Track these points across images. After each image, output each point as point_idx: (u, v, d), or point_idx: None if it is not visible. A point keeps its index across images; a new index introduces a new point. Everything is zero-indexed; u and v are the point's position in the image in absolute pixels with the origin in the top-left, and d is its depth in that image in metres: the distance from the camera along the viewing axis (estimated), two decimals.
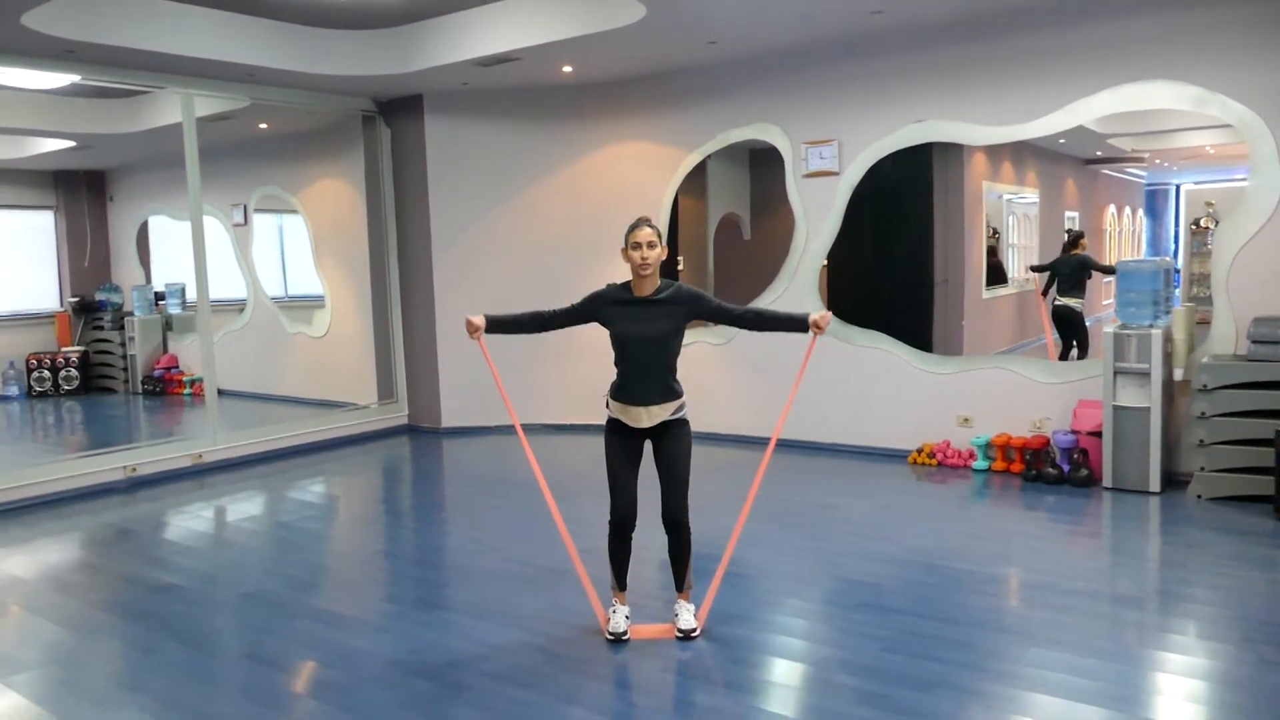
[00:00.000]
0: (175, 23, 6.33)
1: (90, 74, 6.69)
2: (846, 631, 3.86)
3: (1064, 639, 3.70)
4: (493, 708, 3.27)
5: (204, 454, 7.26)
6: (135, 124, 8.92)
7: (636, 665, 3.61)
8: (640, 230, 3.68)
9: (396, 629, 4.04)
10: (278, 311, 10.29)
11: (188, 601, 4.51)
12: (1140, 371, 5.69)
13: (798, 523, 5.40)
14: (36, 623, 4.28)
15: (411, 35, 7.10)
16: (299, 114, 8.38)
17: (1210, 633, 3.81)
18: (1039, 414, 6.34)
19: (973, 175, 8.85)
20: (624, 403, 3.76)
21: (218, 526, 5.99)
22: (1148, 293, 5.85)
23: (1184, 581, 4.38)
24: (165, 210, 11.32)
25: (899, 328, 7.34)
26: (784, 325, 3.87)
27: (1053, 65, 6.07)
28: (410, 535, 5.63)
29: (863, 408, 7.03)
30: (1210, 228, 9.35)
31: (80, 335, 11.73)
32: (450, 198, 8.30)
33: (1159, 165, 10.86)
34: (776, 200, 8.38)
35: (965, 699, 3.24)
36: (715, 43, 6.66)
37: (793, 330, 3.85)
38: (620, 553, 3.86)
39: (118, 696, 3.49)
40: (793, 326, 3.84)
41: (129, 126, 8.96)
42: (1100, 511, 5.51)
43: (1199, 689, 3.32)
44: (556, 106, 8.14)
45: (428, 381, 8.55)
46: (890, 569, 4.59)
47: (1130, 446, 5.72)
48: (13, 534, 5.71)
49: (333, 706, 3.32)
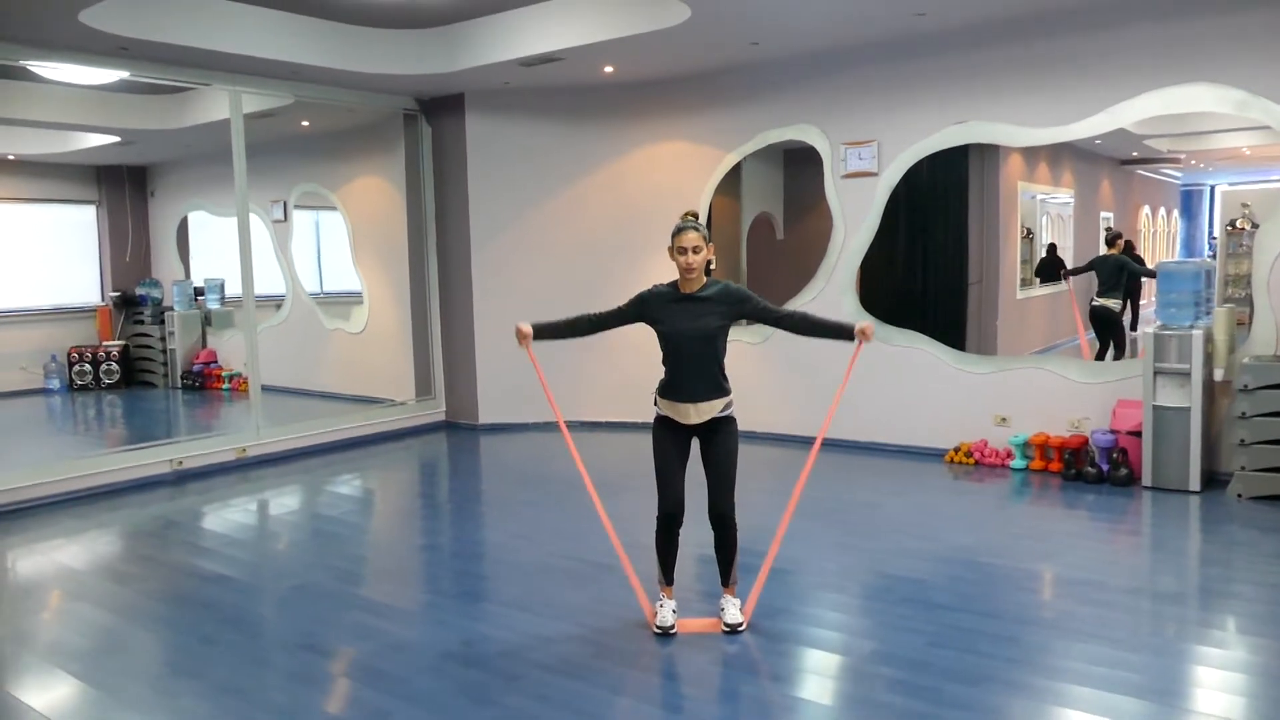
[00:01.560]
0: (225, 20, 6.45)
1: (141, 71, 6.83)
2: (891, 626, 3.91)
3: (1107, 634, 3.73)
4: (546, 697, 3.34)
5: (248, 448, 7.39)
6: (179, 120, 9.09)
7: (684, 658, 3.67)
8: (685, 234, 3.72)
9: (445, 621, 4.12)
10: (316, 307, 10.43)
11: (240, 592, 4.62)
12: (1181, 372, 5.69)
13: (839, 520, 5.45)
14: (92, 611, 4.39)
15: (455, 35, 7.19)
16: (340, 112, 8.50)
17: (1252, 628, 3.83)
18: (1077, 414, 6.35)
19: (1008, 176, 8.85)
20: (673, 400, 3.82)
21: (264, 519, 6.11)
22: (1189, 294, 5.85)
23: (1225, 579, 4.40)
24: (205, 206, 11.51)
25: (933, 327, 7.37)
26: (830, 332, 3.89)
27: (1095, 67, 6.07)
28: (453, 530, 5.72)
29: (900, 407, 7.06)
30: (1246, 229, 9.31)
31: (121, 329, 11.93)
32: (490, 196, 8.39)
33: (1194, 166, 10.83)
34: (810, 200, 8.42)
35: (1012, 692, 3.28)
36: (758, 44, 6.71)
37: (838, 338, 3.88)
38: (668, 548, 3.91)
39: (176, 683, 3.59)
40: (839, 334, 3.86)
41: (173, 122, 9.13)
42: (1141, 510, 5.52)
43: (1240, 682, 3.35)
44: (596, 106, 8.21)
45: (465, 378, 8.65)
46: (932, 565, 4.62)
47: (1170, 446, 5.72)
48: (65, 525, 5.85)
49: (389, 695, 3.41)
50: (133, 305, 11.96)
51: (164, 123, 9.16)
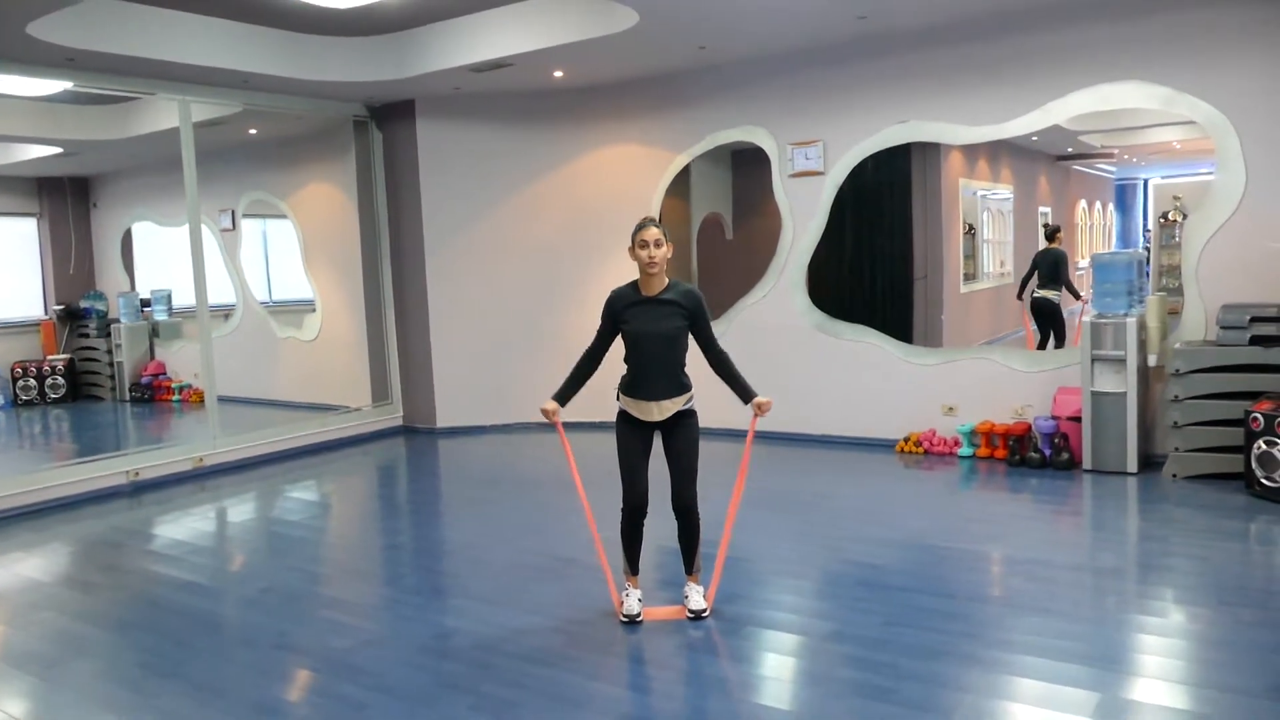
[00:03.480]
0: (174, 30, 6.44)
1: (88, 81, 6.77)
2: (849, 608, 4.06)
3: (1052, 608, 3.93)
4: (521, 685, 3.44)
5: (204, 457, 7.36)
6: (123, 130, 8.98)
7: (651, 643, 3.79)
8: (646, 230, 3.87)
9: (417, 617, 4.19)
10: (266, 316, 10.38)
11: (208, 596, 4.65)
12: (1116, 358, 5.95)
13: (795, 510, 5.62)
14: (59, 619, 4.38)
15: (406, 41, 7.24)
16: (289, 119, 8.49)
17: (1188, 598, 4.06)
18: (1020, 401, 6.59)
19: (950, 173, 9.12)
20: (636, 398, 3.94)
21: (226, 526, 6.11)
22: (1122, 283, 6.10)
23: (1162, 553, 4.64)
24: (150, 216, 11.37)
25: (882, 321, 7.58)
26: (737, 389, 4.02)
27: (1029, 67, 6.32)
28: (417, 530, 5.78)
29: (850, 399, 7.25)
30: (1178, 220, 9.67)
31: (66, 343, 11.73)
32: (442, 201, 8.44)
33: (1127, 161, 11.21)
34: (758, 200, 8.59)
35: (966, 664, 3.45)
36: (705, 48, 6.86)
37: (740, 396, 4.00)
38: (633, 539, 4.03)
39: (154, 684, 3.62)
40: (742, 395, 4.00)
41: (117, 133, 9.02)
42: (1082, 492, 5.76)
43: (1180, 647, 3.57)
44: (547, 110, 8.31)
45: (422, 382, 8.69)
46: (887, 550, 4.80)
47: (1108, 430, 5.98)
48: (22, 538, 5.80)
49: (368, 689, 3.48)
50: (77, 318, 11.76)
51: (108, 133, 9.05)
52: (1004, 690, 3.26)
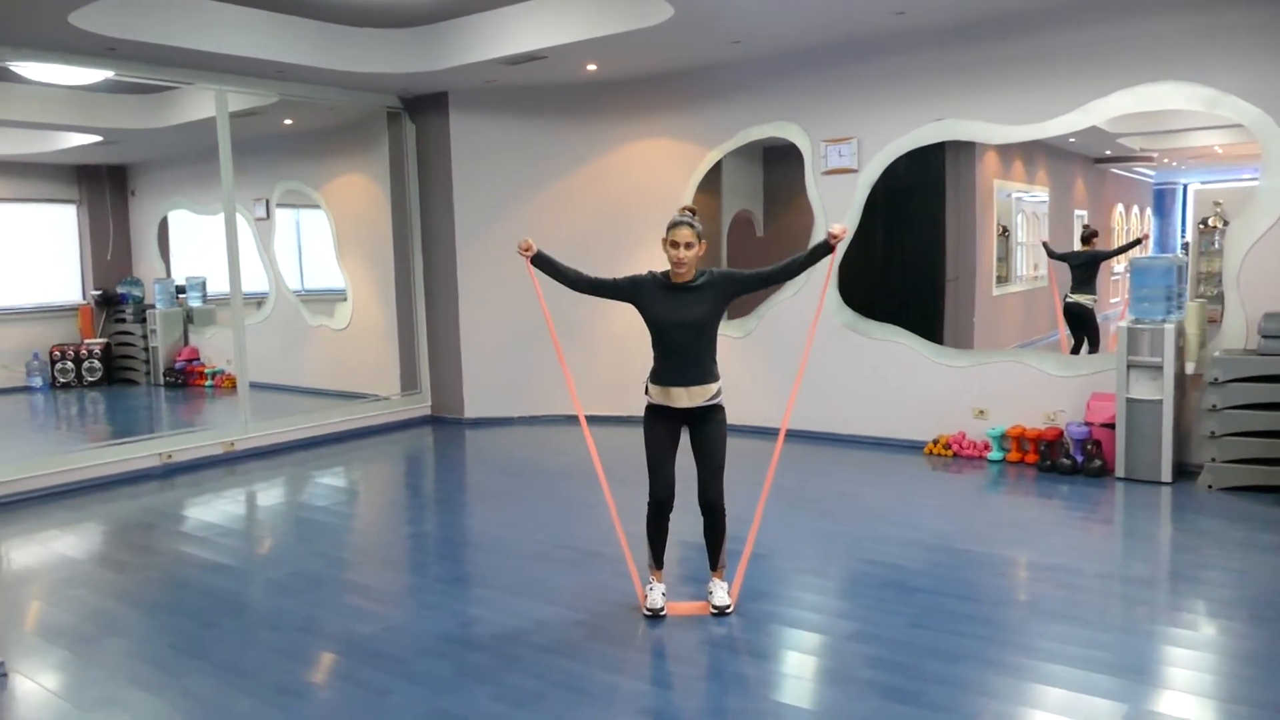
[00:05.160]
0: (212, 20, 6.51)
1: (128, 70, 6.87)
2: (872, 608, 4.04)
3: (1080, 616, 3.88)
4: (544, 676, 3.44)
5: (235, 442, 7.44)
6: (161, 119, 9.10)
7: (674, 638, 3.79)
8: (679, 230, 3.82)
9: (441, 605, 4.21)
10: (299, 304, 10.47)
11: (236, 579, 4.70)
12: (1153, 365, 5.86)
13: (820, 509, 5.59)
14: (93, 597, 4.45)
15: (440, 34, 7.27)
16: (323, 110, 8.56)
17: (1221, 611, 3.98)
18: (1053, 406, 6.51)
19: (984, 173, 9.02)
20: (663, 384, 3.92)
21: (255, 510, 6.18)
22: (1161, 289, 6.01)
23: (1195, 565, 4.56)
24: (186, 204, 11.51)
25: (912, 322, 7.51)
26: (813, 257, 3.92)
27: (1070, 65, 6.23)
28: (444, 519, 5.81)
29: (879, 399, 7.20)
30: (1218, 227, 9.52)
31: (102, 328, 11.92)
32: (473, 193, 8.47)
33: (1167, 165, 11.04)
34: (790, 197, 8.55)
35: (990, 669, 3.42)
36: (739, 42, 6.83)
37: (823, 255, 3.91)
38: (658, 533, 4.03)
39: (182, 664, 3.67)
40: (819, 254, 3.91)
41: (155, 122, 9.15)
42: (1114, 500, 5.68)
43: (1211, 661, 3.50)
44: (579, 104, 8.31)
45: (451, 373, 8.73)
46: (912, 552, 4.76)
47: (1143, 438, 5.89)
48: (58, 517, 5.90)
49: (391, 675, 3.50)
50: (114, 303, 11.95)
51: (146, 122, 9.18)
52: (1028, 697, 3.22)
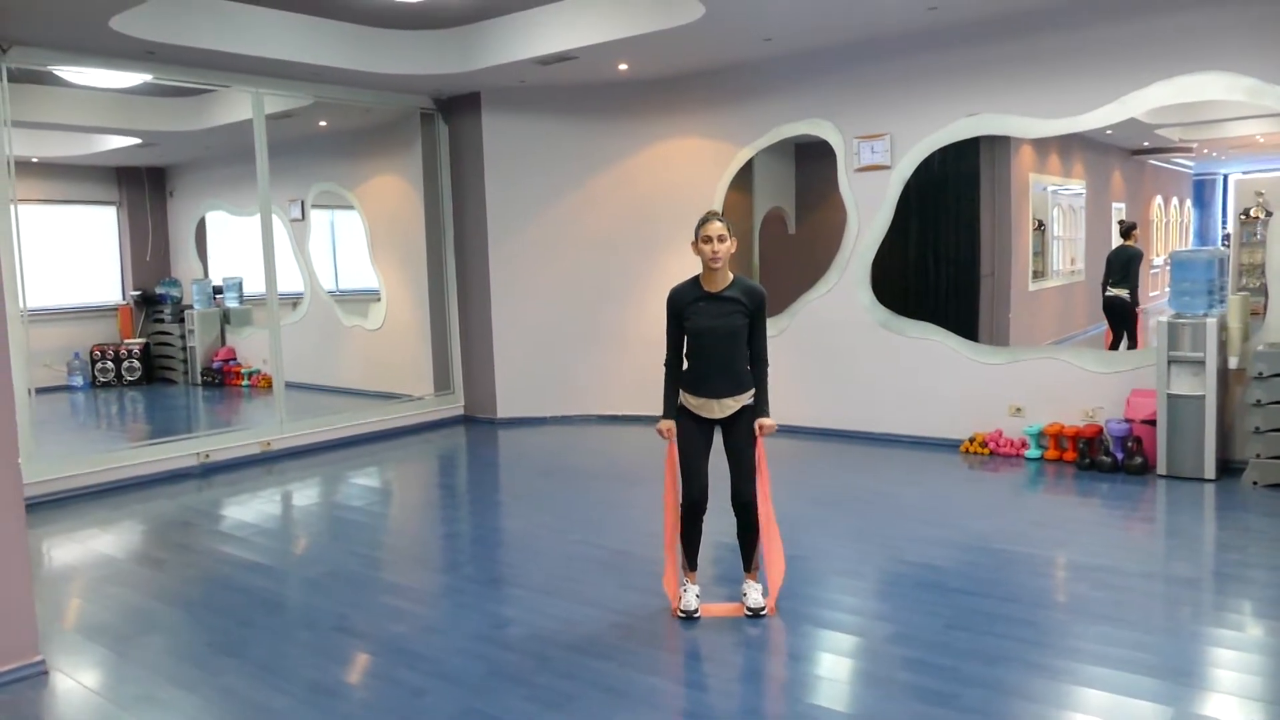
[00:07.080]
0: (248, 24, 6.58)
1: (166, 74, 6.95)
2: (909, 609, 3.99)
3: (1123, 617, 3.81)
4: (577, 677, 3.44)
5: (272, 441, 7.52)
6: (199, 122, 9.21)
7: (708, 640, 3.77)
8: (710, 224, 3.83)
9: (475, 605, 4.22)
10: (333, 304, 10.56)
11: (272, 577, 4.74)
12: (1195, 360, 5.75)
13: (855, 509, 5.54)
14: (132, 595, 4.51)
15: (472, 35, 7.29)
16: (357, 112, 8.62)
17: (1266, 612, 3.90)
18: (1091, 403, 6.42)
19: (1020, 168, 8.91)
20: (698, 395, 3.91)
21: (291, 509, 6.23)
22: (1202, 282, 5.90)
23: (1240, 564, 4.47)
24: (223, 206, 11.65)
25: (947, 319, 7.44)
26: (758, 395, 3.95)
27: (1106, 57, 6.13)
28: (477, 519, 5.83)
29: (914, 398, 7.13)
30: (1260, 217, 9.33)
31: (141, 328, 12.09)
32: (506, 193, 8.50)
33: (1206, 155, 10.85)
34: (821, 194, 8.50)
35: (1030, 671, 3.37)
36: (771, 40, 6.79)
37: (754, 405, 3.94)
38: (692, 534, 4.01)
39: (220, 662, 3.71)
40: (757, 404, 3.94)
41: (193, 124, 9.26)
42: (1155, 498, 5.59)
43: (1258, 662, 3.43)
44: (611, 103, 8.30)
45: (484, 373, 8.76)
46: (949, 552, 4.71)
47: (1185, 434, 5.78)
48: (98, 515, 5.99)
49: (426, 675, 3.52)
50: (153, 304, 12.12)
51: (184, 124, 9.30)
52: (1069, 700, 3.17)
